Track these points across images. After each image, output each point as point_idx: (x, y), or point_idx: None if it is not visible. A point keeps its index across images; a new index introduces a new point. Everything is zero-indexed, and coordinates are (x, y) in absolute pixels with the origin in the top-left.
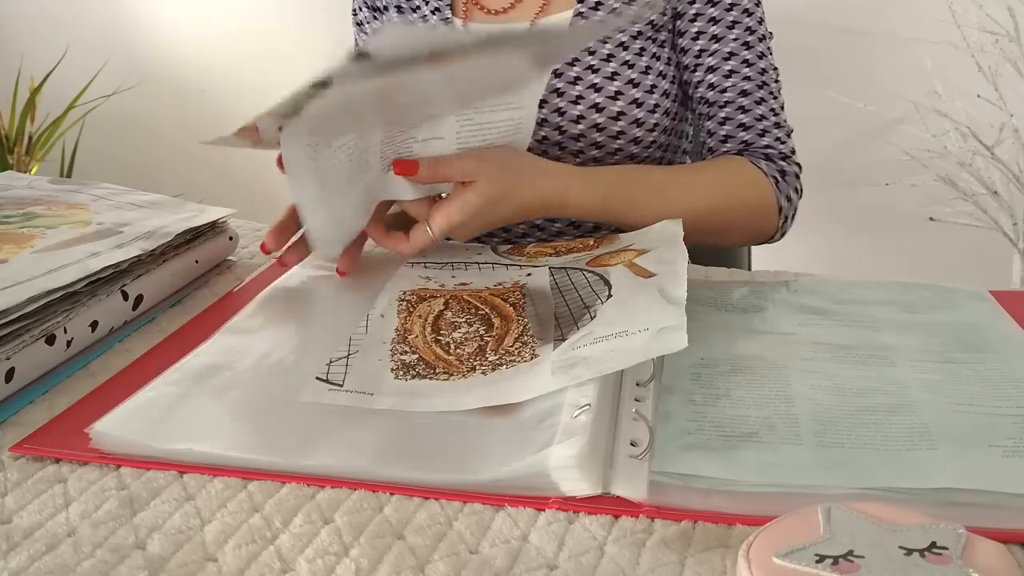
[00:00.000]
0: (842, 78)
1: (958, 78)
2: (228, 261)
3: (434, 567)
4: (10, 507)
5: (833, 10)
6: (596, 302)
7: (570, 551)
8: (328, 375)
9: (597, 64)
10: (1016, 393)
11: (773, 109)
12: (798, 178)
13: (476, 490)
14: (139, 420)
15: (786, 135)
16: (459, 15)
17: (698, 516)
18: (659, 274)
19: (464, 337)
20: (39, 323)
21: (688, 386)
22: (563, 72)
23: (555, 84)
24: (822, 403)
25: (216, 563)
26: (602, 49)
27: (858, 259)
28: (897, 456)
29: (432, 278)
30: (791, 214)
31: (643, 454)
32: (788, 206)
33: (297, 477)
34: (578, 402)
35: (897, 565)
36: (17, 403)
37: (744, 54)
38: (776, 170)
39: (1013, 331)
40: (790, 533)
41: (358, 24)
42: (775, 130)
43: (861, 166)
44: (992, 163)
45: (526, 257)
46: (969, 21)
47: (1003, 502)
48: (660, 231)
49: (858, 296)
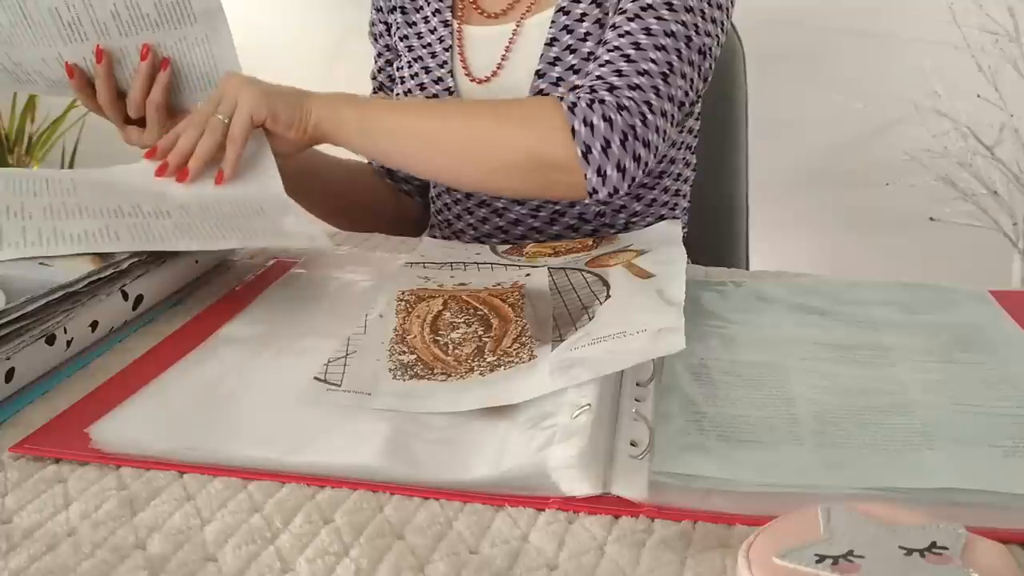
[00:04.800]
0: (842, 78)
1: (958, 78)
2: (228, 261)
3: (434, 567)
4: (10, 507)
5: (833, 10)
6: (595, 303)
7: (570, 551)
8: (326, 375)
9: (578, 64)
10: (1016, 393)
11: (670, 63)
12: (623, 111)
13: (476, 490)
14: (139, 420)
15: (653, 88)
16: (457, 18)
17: (698, 516)
18: (658, 275)
19: (462, 338)
20: (39, 323)
21: (688, 386)
22: (545, 72)
23: (538, 85)
24: (822, 403)
25: (216, 563)
26: (583, 47)
27: (858, 259)
28: (897, 456)
29: (431, 278)
30: (601, 145)
31: (643, 454)
32: (587, 132)
33: (297, 477)
34: (578, 402)
35: (897, 565)
36: (17, 403)
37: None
38: (587, 99)
39: (1013, 331)
40: (790, 533)
41: (375, 38)
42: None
43: (861, 166)
44: (992, 163)
45: (525, 257)
46: (969, 21)
47: (1003, 502)
48: (660, 232)
49: (858, 296)
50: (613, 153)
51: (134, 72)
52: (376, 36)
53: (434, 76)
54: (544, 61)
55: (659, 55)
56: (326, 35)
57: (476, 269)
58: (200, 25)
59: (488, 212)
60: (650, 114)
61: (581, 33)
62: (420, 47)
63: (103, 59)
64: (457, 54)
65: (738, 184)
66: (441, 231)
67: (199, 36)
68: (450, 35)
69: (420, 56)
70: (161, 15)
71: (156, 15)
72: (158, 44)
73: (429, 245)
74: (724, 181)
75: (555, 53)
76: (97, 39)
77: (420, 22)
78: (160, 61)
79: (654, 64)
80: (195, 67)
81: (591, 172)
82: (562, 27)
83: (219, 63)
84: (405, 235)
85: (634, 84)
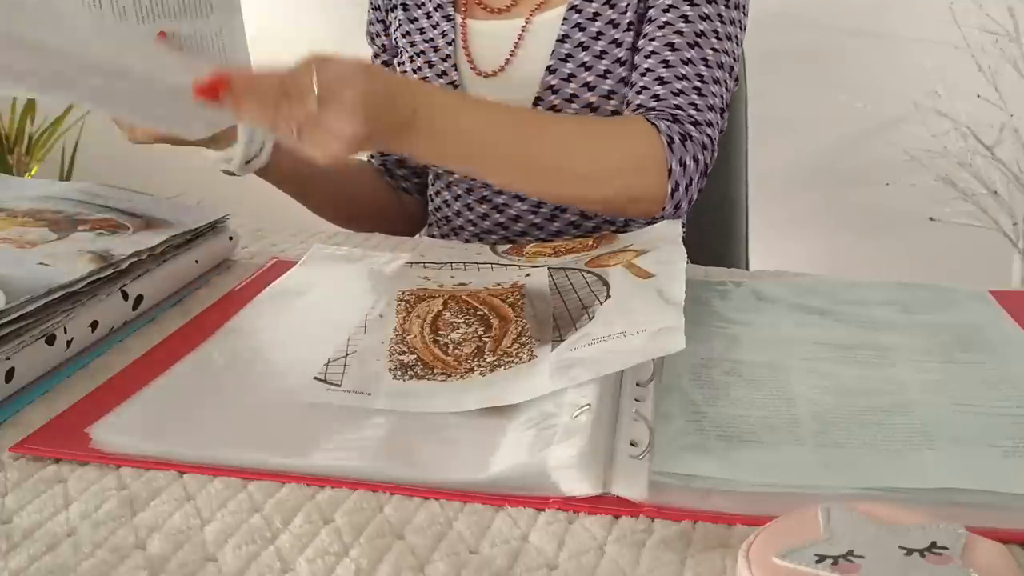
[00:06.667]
0: (842, 78)
1: (958, 78)
2: (228, 261)
3: (434, 567)
4: (10, 507)
5: (833, 10)
6: (595, 303)
7: (570, 551)
8: (326, 375)
9: (590, 61)
10: (1016, 393)
11: (700, 74)
12: (706, 149)
13: (476, 490)
14: (139, 420)
15: (707, 106)
16: (460, 12)
17: (698, 516)
18: (658, 275)
19: (462, 338)
20: (39, 323)
21: (688, 386)
22: (557, 68)
23: (549, 81)
24: (822, 403)
25: (216, 563)
26: (595, 45)
27: (858, 259)
28: (897, 456)
29: (431, 278)
30: (686, 183)
31: (643, 454)
32: (681, 172)
33: (297, 477)
34: (578, 402)
35: (897, 565)
36: (17, 403)
37: (685, 9)
38: (678, 132)
39: (1013, 331)
40: (790, 533)
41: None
42: (693, 94)
43: (861, 166)
44: (992, 163)
45: (525, 257)
46: (969, 21)
47: (1003, 502)
48: (660, 231)
49: (858, 296)
50: (692, 190)
51: None
52: (373, 36)
53: (438, 70)
54: (556, 57)
55: (716, 88)
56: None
57: (476, 269)
58: (216, 17)
59: (488, 208)
60: (716, 149)
61: (593, 32)
62: (423, 42)
63: None
64: (461, 48)
65: (738, 184)
66: (440, 228)
67: (214, 29)
68: (452, 29)
69: (423, 51)
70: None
71: (176, 2)
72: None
73: (429, 245)
74: (724, 181)
75: (567, 49)
76: None
77: (422, 17)
78: None
79: (716, 98)
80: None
81: (671, 205)
82: (574, 24)
83: (230, 58)
84: (404, 233)
85: (708, 120)
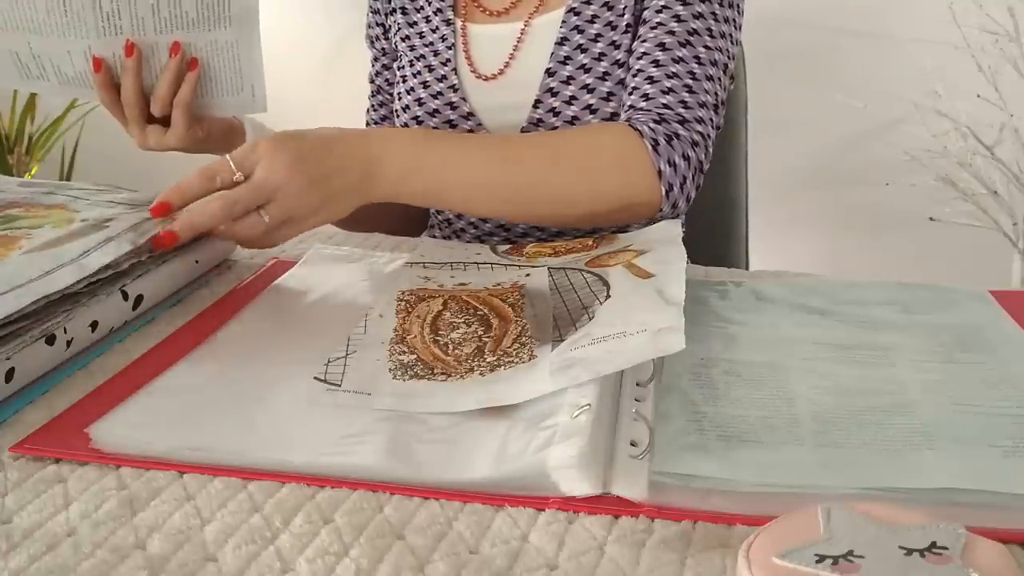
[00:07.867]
0: (842, 78)
1: (958, 78)
2: (228, 261)
3: (434, 567)
4: (10, 507)
5: (833, 10)
6: (595, 303)
7: (570, 551)
8: (326, 375)
9: (589, 63)
10: (1016, 393)
11: (692, 72)
12: (697, 146)
13: (476, 490)
14: (139, 420)
15: (698, 103)
16: (460, 16)
17: (698, 516)
18: (658, 275)
19: (462, 338)
20: (39, 323)
21: (688, 386)
22: (556, 71)
23: (548, 84)
24: (822, 403)
25: (216, 563)
26: (594, 48)
27: (858, 259)
28: (897, 456)
29: (431, 278)
30: (680, 182)
31: (643, 454)
32: (672, 171)
33: (297, 477)
34: (578, 402)
35: (897, 565)
36: (17, 403)
37: (678, 8)
38: (664, 133)
39: (1013, 331)
40: (790, 533)
41: (371, 41)
42: (684, 92)
43: (861, 166)
44: (992, 163)
45: (525, 257)
46: (969, 21)
47: (1003, 502)
48: (660, 231)
49: (858, 296)
50: (688, 188)
51: (161, 70)
52: (372, 40)
53: (438, 74)
54: (555, 60)
55: (710, 85)
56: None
57: (476, 269)
58: (233, 29)
59: None
60: (712, 145)
61: (592, 34)
62: (422, 46)
63: (134, 53)
64: (461, 51)
65: (738, 184)
66: (441, 230)
67: (230, 40)
68: (452, 33)
69: (423, 55)
70: (200, 14)
71: (196, 14)
72: (189, 45)
73: (429, 245)
74: (724, 181)
75: (566, 52)
76: (131, 33)
77: (421, 21)
78: (189, 60)
79: (709, 95)
80: (220, 72)
81: (667, 206)
82: (572, 27)
83: (244, 70)
84: (406, 234)
85: (699, 117)
